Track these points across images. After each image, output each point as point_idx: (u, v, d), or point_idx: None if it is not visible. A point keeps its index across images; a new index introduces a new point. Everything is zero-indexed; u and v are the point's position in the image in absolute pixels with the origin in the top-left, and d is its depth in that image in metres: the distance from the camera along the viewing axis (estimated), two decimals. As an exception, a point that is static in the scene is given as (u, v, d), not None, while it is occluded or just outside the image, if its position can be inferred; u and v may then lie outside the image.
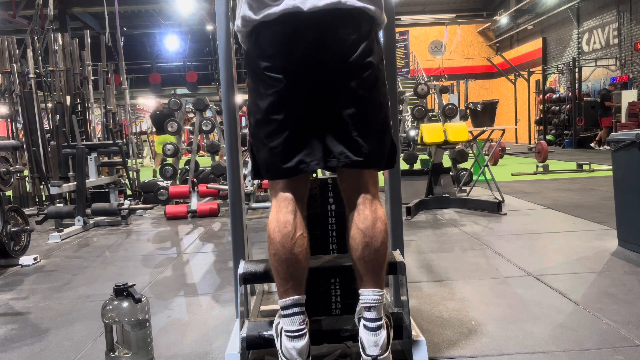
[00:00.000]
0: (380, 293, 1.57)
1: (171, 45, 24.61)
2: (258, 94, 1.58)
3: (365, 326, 1.55)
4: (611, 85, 13.66)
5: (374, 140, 1.59)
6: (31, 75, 6.12)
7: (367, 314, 1.56)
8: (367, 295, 1.57)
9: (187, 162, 6.22)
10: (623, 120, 12.75)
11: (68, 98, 6.15)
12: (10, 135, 6.54)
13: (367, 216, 1.57)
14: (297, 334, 1.54)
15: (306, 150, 1.57)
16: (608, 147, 13.32)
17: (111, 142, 5.47)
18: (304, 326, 1.55)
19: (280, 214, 1.57)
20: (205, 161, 8.08)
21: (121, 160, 5.51)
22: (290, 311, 1.56)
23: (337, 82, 1.53)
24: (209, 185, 5.55)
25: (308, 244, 1.59)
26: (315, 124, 1.56)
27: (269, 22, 1.52)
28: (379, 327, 1.54)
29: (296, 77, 1.52)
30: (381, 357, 1.52)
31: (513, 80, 16.39)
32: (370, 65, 1.55)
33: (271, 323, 1.71)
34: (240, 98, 2.98)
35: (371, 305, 1.55)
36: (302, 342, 1.53)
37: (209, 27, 19.66)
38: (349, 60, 1.52)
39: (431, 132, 5.03)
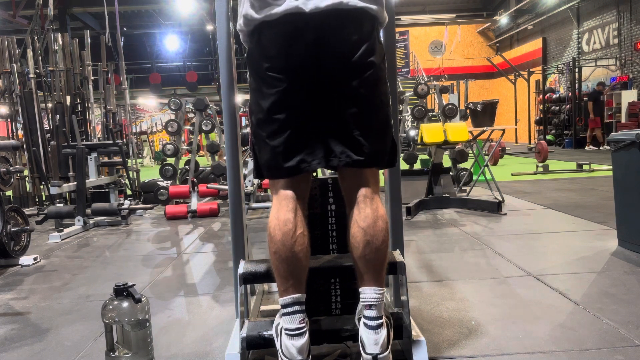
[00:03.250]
0: (380, 291, 1.57)
1: (171, 45, 24.61)
2: (260, 94, 1.59)
3: (365, 324, 1.55)
4: (599, 85, 13.66)
5: (375, 140, 1.60)
6: (31, 75, 6.12)
7: (368, 312, 1.56)
8: (368, 293, 1.57)
9: (187, 162, 6.22)
10: (623, 120, 12.76)
11: (68, 98, 6.15)
12: (10, 135, 6.54)
13: (368, 215, 1.58)
14: (297, 332, 1.54)
15: (307, 150, 1.57)
16: (594, 147, 13.37)
17: (111, 142, 5.47)
18: (304, 325, 1.55)
19: (281, 212, 1.58)
20: (205, 161, 8.08)
21: (121, 160, 5.51)
22: (290, 309, 1.56)
23: (339, 82, 1.54)
24: (209, 185, 5.55)
25: (309, 242, 1.59)
26: (317, 124, 1.57)
27: (271, 22, 1.53)
28: (379, 326, 1.54)
29: (298, 77, 1.53)
30: (381, 355, 1.52)
31: (513, 80, 16.40)
32: (372, 65, 1.56)
33: (271, 323, 1.71)
34: (240, 98, 2.98)
35: (372, 303, 1.56)
36: (302, 341, 1.53)
37: (209, 27, 19.66)
38: (350, 60, 1.52)
39: (431, 132, 5.03)
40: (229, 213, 2.02)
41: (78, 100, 6.24)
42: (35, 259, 3.63)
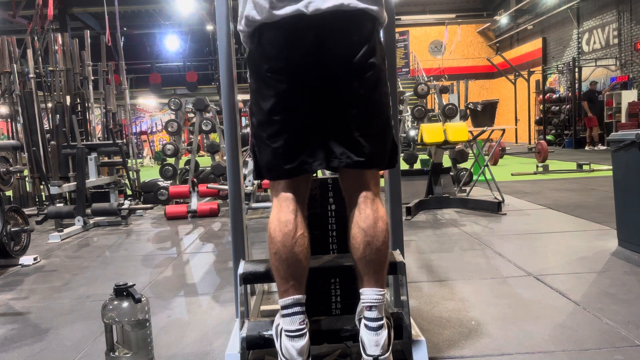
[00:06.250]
0: (381, 292, 1.57)
1: (171, 45, 24.60)
2: (260, 95, 1.59)
3: (366, 326, 1.55)
4: (592, 84, 13.69)
5: (375, 141, 1.59)
6: (31, 75, 6.12)
7: (368, 314, 1.55)
8: (368, 294, 1.56)
9: (187, 162, 6.22)
10: (623, 120, 12.76)
11: (68, 98, 6.15)
12: (10, 135, 6.54)
13: (369, 215, 1.58)
14: (297, 333, 1.53)
15: (308, 151, 1.57)
16: (595, 148, 13.35)
17: (111, 142, 5.47)
18: (304, 326, 1.55)
19: (282, 213, 1.58)
20: (205, 161, 8.08)
21: (121, 160, 5.51)
22: (290, 311, 1.55)
23: (339, 83, 1.53)
24: (209, 185, 5.55)
25: (309, 243, 1.59)
26: (317, 125, 1.56)
27: (272, 24, 1.52)
28: (380, 327, 1.54)
29: (298, 79, 1.53)
30: (382, 357, 1.52)
31: (513, 80, 16.39)
32: (373, 66, 1.56)
33: (271, 323, 1.71)
34: (240, 98, 2.98)
35: (372, 304, 1.55)
36: (302, 342, 1.53)
37: (209, 27, 19.66)
38: (351, 62, 1.52)
39: (431, 132, 5.03)
40: (229, 213, 2.02)
41: (78, 100, 6.24)
42: (35, 259, 3.63)
